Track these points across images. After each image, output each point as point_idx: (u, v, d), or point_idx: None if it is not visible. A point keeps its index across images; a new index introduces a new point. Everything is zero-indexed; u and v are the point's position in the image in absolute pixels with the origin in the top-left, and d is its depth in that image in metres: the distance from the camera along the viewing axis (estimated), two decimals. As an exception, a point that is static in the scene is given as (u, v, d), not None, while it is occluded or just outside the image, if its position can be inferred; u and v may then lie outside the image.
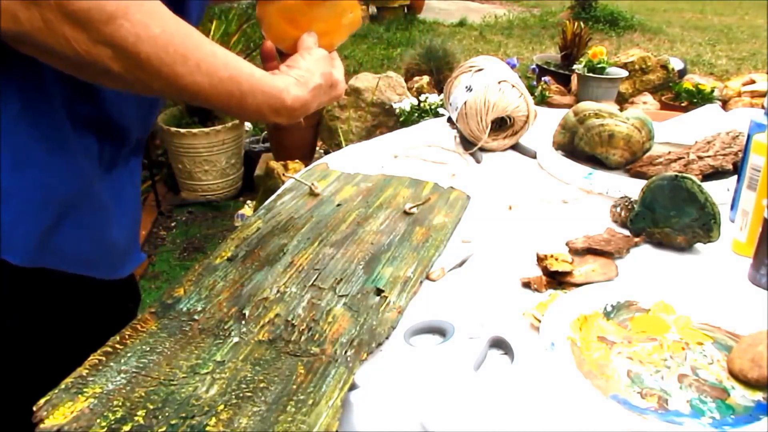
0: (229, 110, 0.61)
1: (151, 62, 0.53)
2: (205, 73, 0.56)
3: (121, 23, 0.50)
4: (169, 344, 0.63)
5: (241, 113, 0.63)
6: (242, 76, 0.60)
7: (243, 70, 0.60)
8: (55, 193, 0.61)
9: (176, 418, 0.53)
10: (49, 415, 0.53)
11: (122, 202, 0.70)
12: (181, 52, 0.54)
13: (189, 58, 0.55)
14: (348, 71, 4.57)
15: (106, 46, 0.50)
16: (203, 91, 0.57)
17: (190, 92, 0.56)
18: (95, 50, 0.50)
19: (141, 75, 0.53)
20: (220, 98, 0.59)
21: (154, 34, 0.52)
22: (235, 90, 0.60)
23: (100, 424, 0.52)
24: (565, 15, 6.53)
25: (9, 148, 0.56)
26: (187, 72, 0.55)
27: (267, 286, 0.73)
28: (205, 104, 0.60)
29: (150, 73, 0.53)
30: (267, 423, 0.53)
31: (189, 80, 0.55)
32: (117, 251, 0.70)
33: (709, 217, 0.83)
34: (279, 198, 0.98)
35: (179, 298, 0.71)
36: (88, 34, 0.50)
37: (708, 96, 2.89)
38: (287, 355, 0.62)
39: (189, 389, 0.57)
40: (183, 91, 0.56)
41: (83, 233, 0.64)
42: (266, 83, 0.63)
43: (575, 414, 0.57)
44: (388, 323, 0.68)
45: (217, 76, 0.58)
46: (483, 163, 1.18)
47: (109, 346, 0.62)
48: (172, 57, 0.54)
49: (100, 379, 0.57)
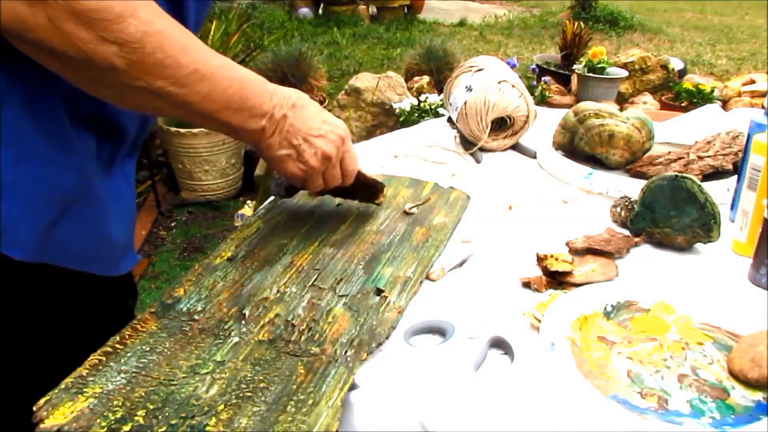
0: (227, 105, 0.62)
1: (156, 56, 0.54)
2: (202, 62, 0.58)
3: (130, 21, 0.52)
4: (169, 344, 0.63)
5: (238, 106, 0.63)
6: (235, 66, 0.63)
7: (234, 64, 0.63)
8: (58, 188, 0.61)
9: (176, 418, 0.53)
10: (49, 415, 0.53)
11: (118, 202, 0.71)
12: (182, 44, 0.56)
13: (189, 48, 0.57)
14: (348, 71, 4.58)
15: (113, 43, 0.51)
16: (205, 80, 0.58)
17: (192, 81, 0.57)
18: (101, 48, 0.51)
19: (145, 70, 0.54)
20: (221, 86, 0.60)
21: (159, 29, 0.54)
22: (234, 77, 0.62)
23: (100, 424, 0.52)
24: (565, 15, 6.53)
25: (12, 142, 0.57)
26: (189, 62, 0.57)
27: (267, 286, 0.73)
28: (205, 103, 0.60)
29: (153, 67, 0.54)
30: (267, 423, 0.53)
31: (191, 69, 0.57)
32: (115, 248, 0.71)
33: (709, 217, 0.83)
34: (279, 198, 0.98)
35: (179, 298, 0.71)
36: (95, 32, 0.51)
37: (708, 96, 2.89)
38: (287, 355, 0.62)
39: (189, 389, 0.57)
40: (184, 83, 0.57)
41: (83, 229, 0.65)
42: (257, 76, 0.66)
43: (575, 414, 0.57)
44: (389, 323, 0.68)
45: (215, 63, 0.60)
46: (483, 163, 1.18)
47: (109, 346, 0.61)
48: (175, 48, 0.55)
49: (100, 379, 0.57)
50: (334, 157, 0.73)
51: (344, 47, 5.42)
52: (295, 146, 0.70)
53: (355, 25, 6.13)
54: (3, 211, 0.57)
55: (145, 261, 2.43)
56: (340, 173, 0.76)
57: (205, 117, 0.61)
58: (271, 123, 0.67)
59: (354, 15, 6.31)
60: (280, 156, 0.70)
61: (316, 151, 0.71)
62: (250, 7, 6.02)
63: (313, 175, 0.73)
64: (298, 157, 0.70)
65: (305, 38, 5.37)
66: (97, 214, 0.66)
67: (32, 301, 0.65)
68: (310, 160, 0.71)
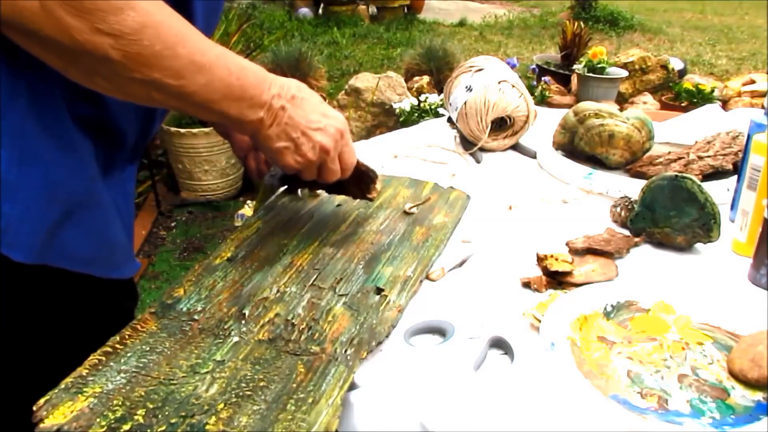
0: (225, 95, 0.61)
1: (154, 48, 0.53)
2: (201, 53, 0.58)
3: (129, 13, 0.51)
4: (169, 344, 0.63)
5: (236, 96, 0.62)
6: (232, 56, 0.62)
7: (231, 53, 0.63)
8: (61, 190, 0.61)
9: (176, 417, 0.53)
10: (48, 414, 0.53)
11: (118, 206, 0.70)
12: (181, 35, 0.56)
13: (187, 39, 0.56)
14: (348, 71, 4.57)
15: (108, 35, 0.51)
16: (202, 70, 0.58)
17: (190, 72, 0.57)
18: (95, 39, 0.50)
19: (141, 62, 0.53)
20: (219, 76, 0.60)
21: (157, 21, 0.53)
22: (232, 66, 0.61)
23: (99, 424, 0.52)
24: (565, 15, 6.53)
25: (16, 143, 0.56)
26: (187, 53, 0.56)
27: (267, 286, 0.73)
28: (202, 93, 0.59)
29: (150, 59, 0.53)
30: (267, 421, 0.53)
31: (188, 60, 0.56)
32: (117, 251, 0.70)
33: (709, 217, 0.83)
34: (279, 198, 0.98)
35: (179, 298, 0.71)
36: (90, 23, 0.50)
37: (708, 96, 2.89)
38: (287, 354, 0.62)
39: (189, 388, 0.57)
40: (182, 75, 0.56)
41: (86, 231, 0.64)
42: (255, 65, 0.66)
43: (575, 414, 0.57)
44: (388, 322, 0.68)
45: (213, 53, 0.59)
46: (483, 163, 1.18)
47: (109, 346, 0.62)
48: (174, 39, 0.55)
49: (100, 379, 0.57)
50: (332, 150, 0.72)
51: (344, 47, 5.42)
52: (293, 139, 0.69)
53: (355, 25, 6.13)
54: (4, 212, 0.57)
55: (145, 261, 2.43)
56: (339, 167, 0.75)
57: (202, 108, 0.61)
58: (270, 114, 0.66)
59: (354, 15, 6.31)
60: (278, 148, 0.69)
61: (314, 144, 0.70)
62: (250, 7, 6.01)
63: (311, 168, 0.73)
64: (296, 150, 0.70)
65: (305, 38, 5.37)
66: (100, 217, 0.66)
67: (33, 301, 0.65)
68: (308, 153, 0.70)
